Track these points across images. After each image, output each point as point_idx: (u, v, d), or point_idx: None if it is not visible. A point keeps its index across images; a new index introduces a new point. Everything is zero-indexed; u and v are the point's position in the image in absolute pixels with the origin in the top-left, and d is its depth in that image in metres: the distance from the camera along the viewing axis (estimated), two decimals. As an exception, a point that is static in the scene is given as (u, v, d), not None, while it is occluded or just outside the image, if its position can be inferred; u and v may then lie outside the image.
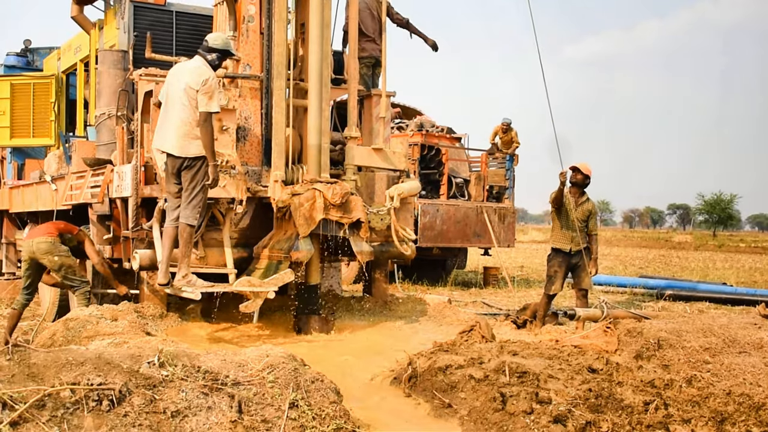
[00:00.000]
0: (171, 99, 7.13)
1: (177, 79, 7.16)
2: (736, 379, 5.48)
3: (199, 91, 6.93)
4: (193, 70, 7.09)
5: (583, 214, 9.54)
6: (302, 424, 4.26)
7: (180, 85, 7.06)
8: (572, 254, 9.50)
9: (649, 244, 50.60)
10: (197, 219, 7.12)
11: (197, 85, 6.94)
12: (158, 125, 7.25)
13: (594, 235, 9.65)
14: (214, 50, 7.17)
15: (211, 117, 7.01)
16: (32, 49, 13.21)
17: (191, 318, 8.25)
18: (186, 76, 7.06)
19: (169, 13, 9.60)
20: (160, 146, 7.15)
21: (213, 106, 7.00)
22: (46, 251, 7.88)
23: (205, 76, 7.00)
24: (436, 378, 5.48)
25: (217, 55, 7.19)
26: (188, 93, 6.98)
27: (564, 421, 4.72)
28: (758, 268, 25.74)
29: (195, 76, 7.00)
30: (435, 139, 16.26)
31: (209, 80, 6.99)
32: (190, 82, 6.99)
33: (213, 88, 7.00)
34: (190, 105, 6.98)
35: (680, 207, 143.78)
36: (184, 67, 7.23)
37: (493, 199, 16.51)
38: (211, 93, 6.98)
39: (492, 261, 18.26)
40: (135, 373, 4.10)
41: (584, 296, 9.70)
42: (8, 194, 12.16)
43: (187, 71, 7.12)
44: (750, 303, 13.28)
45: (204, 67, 7.10)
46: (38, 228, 8.39)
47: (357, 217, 7.94)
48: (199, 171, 7.06)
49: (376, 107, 9.22)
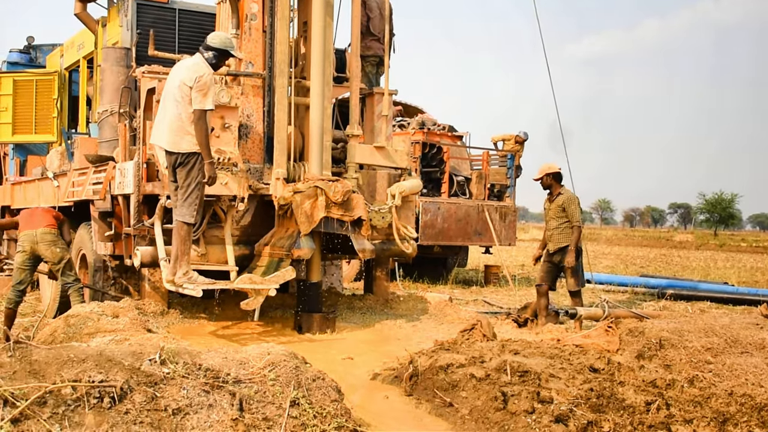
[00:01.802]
0: (167, 95, 7.14)
1: (174, 75, 7.17)
2: (738, 380, 5.48)
3: (193, 88, 6.91)
4: (189, 67, 7.09)
5: (557, 210, 9.40)
6: (303, 423, 4.25)
7: (175, 81, 7.06)
8: (552, 253, 9.45)
9: (650, 243, 50.57)
10: (194, 217, 7.09)
11: (191, 82, 6.92)
12: (155, 121, 7.26)
13: (574, 226, 9.35)
14: (212, 48, 7.13)
15: (205, 114, 6.97)
16: (35, 46, 13.23)
17: (192, 315, 8.26)
18: (182, 73, 7.06)
19: (172, 10, 9.62)
20: (156, 142, 7.16)
21: (207, 104, 6.96)
22: (50, 242, 7.80)
23: (200, 73, 6.97)
24: (437, 377, 5.48)
25: (214, 54, 7.14)
26: (182, 89, 6.97)
27: (565, 421, 4.72)
28: (760, 267, 25.72)
29: (190, 73, 6.98)
30: (436, 137, 16.25)
31: (203, 77, 6.96)
32: (184, 78, 6.98)
33: (208, 85, 6.96)
34: (183, 101, 6.96)
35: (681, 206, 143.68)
36: (182, 64, 7.23)
37: (495, 198, 16.50)
38: (206, 90, 6.94)
39: (493, 259, 18.27)
40: (136, 371, 4.10)
41: (573, 296, 9.60)
42: (10, 190, 12.17)
43: (184, 68, 7.12)
44: (752, 303, 13.25)
45: (201, 65, 7.07)
46: (34, 216, 8.08)
47: (358, 215, 7.94)
48: (193, 168, 7.04)
49: (377, 105, 9.23)
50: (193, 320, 8.11)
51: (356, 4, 8.82)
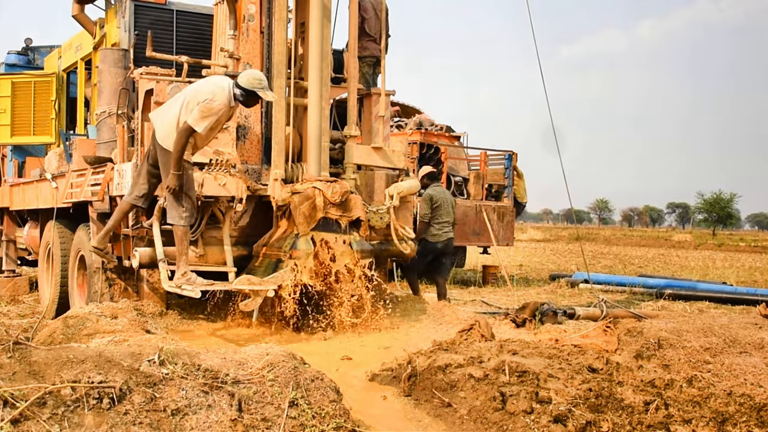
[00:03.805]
0: (183, 92, 7.17)
1: (200, 82, 7.19)
2: (737, 380, 5.49)
3: (199, 104, 6.90)
4: (214, 86, 7.03)
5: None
6: (302, 423, 4.26)
7: (195, 87, 7.08)
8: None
9: (648, 242, 50.60)
10: (184, 218, 7.11)
11: (202, 97, 6.91)
12: (165, 103, 7.33)
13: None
14: (240, 87, 7.00)
15: (190, 132, 6.95)
16: (33, 48, 13.22)
17: (191, 316, 8.26)
18: (204, 86, 7.05)
19: (170, 12, 9.61)
20: (154, 121, 7.24)
21: (199, 126, 6.93)
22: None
23: (214, 98, 6.92)
24: (435, 377, 5.48)
25: (242, 93, 7.01)
26: (191, 98, 6.97)
27: (564, 421, 4.72)
28: (758, 267, 25.74)
29: (208, 91, 6.95)
30: (434, 137, 16.27)
31: (214, 103, 6.91)
32: (200, 91, 6.97)
33: (212, 112, 6.93)
34: (185, 108, 6.97)
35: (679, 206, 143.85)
36: (214, 80, 7.21)
37: (492, 198, 16.52)
38: (206, 114, 6.91)
39: (491, 259, 18.26)
40: (135, 372, 4.10)
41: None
42: (9, 192, 12.16)
43: (211, 83, 7.09)
44: (750, 302, 13.26)
45: (223, 92, 6.97)
46: None
47: (356, 215, 7.95)
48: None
49: (375, 106, 9.23)
50: (191, 321, 8.11)
51: (353, 5, 8.83)
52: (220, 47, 8.48)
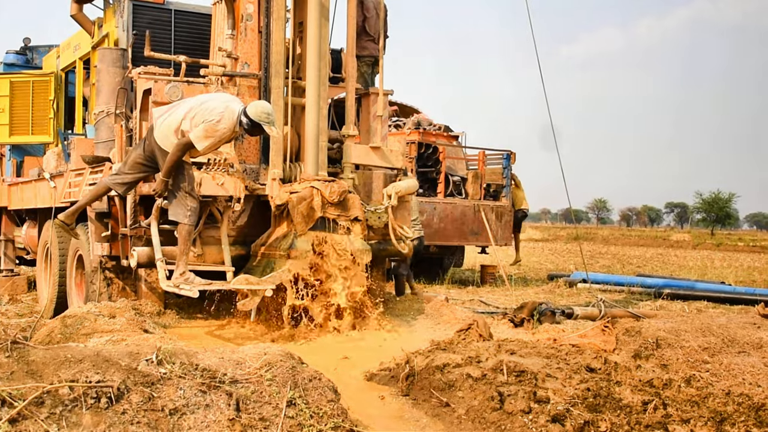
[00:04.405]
0: (191, 100, 7.17)
1: (211, 96, 7.18)
2: (736, 379, 5.49)
3: (204, 122, 6.88)
4: (226, 106, 6.99)
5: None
6: (300, 423, 4.26)
7: (203, 99, 7.07)
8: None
9: (646, 242, 50.63)
10: (188, 217, 7.12)
11: (209, 115, 6.88)
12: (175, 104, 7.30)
13: None
14: (247, 116, 6.93)
15: (189, 147, 6.95)
16: (31, 47, 13.20)
17: (189, 315, 8.25)
18: (214, 104, 6.99)
19: (168, 11, 9.60)
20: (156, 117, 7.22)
21: (200, 144, 6.92)
22: None
23: (221, 121, 6.90)
24: (433, 377, 5.49)
25: (248, 122, 6.95)
26: (198, 109, 6.96)
27: (562, 421, 4.73)
28: (757, 267, 25.76)
29: (218, 111, 6.91)
30: (432, 137, 16.26)
31: (220, 126, 6.89)
32: (209, 109, 6.93)
33: (216, 135, 6.92)
34: (190, 117, 6.95)
35: (678, 205, 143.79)
36: (226, 98, 7.18)
37: (491, 198, 16.52)
38: (209, 135, 6.90)
39: (489, 259, 18.27)
40: (133, 371, 4.10)
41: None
42: (7, 191, 12.15)
43: (222, 103, 7.03)
44: (748, 302, 13.27)
45: (230, 118, 6.94)
46: None
47: (355, 215, 7.94)
48: (180, 173, 7.11)
49: (373, 105, 9.23)
50: (189, 320, 8.10)
51: (352, 5, 8.83)
52: (218, 47, 8.47)
